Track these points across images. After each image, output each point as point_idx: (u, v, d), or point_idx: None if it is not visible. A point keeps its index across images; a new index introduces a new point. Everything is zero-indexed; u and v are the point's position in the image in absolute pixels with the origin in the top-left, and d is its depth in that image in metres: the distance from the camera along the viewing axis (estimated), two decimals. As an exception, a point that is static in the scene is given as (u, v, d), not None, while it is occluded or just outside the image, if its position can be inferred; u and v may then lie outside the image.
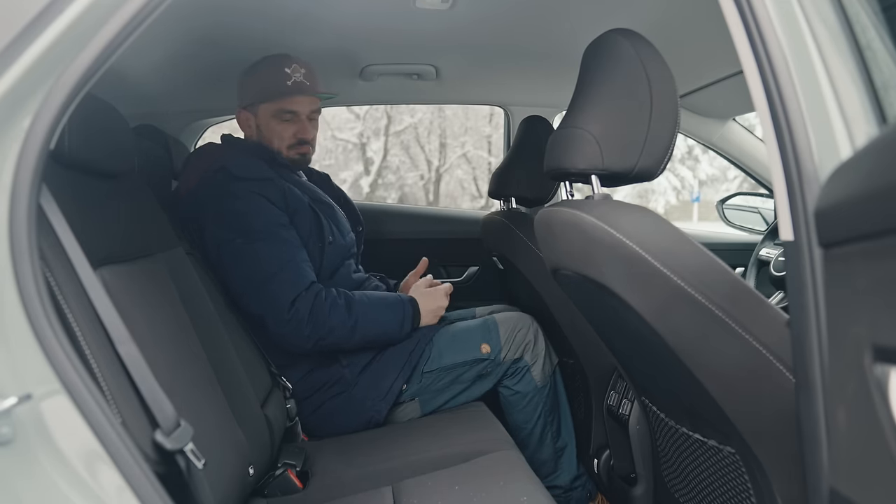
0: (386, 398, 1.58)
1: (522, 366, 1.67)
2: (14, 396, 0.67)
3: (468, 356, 1.64)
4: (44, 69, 0.71)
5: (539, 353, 1.67)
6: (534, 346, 1.67)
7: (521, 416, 1.67)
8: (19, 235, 0.70)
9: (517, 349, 1.66)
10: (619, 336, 1.11)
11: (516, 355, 1.66)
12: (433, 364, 1.63)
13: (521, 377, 1.67)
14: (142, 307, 0.99)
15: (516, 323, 1.69)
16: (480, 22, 1.61)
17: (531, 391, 1.66)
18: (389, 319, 1.59)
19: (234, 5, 1.46)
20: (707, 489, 1.05)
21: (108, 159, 1.03)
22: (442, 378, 1.64)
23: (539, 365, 1.67)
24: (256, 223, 1.51)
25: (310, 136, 1.71)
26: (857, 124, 0.65)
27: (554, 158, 1.06)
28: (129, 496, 0.71)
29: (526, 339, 1.67)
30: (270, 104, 1.66)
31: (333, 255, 1.66)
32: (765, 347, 0.80)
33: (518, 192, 1.92)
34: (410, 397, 1.63)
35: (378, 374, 1.60)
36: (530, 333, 1.68)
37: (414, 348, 1.62)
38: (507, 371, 1.67)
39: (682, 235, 0.87)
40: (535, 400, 1.67)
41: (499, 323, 1.69)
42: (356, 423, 1.58)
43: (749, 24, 0.69)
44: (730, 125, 2.36)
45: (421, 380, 1.62)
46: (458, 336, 1.68)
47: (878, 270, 0.53)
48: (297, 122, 1.68)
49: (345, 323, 1.52)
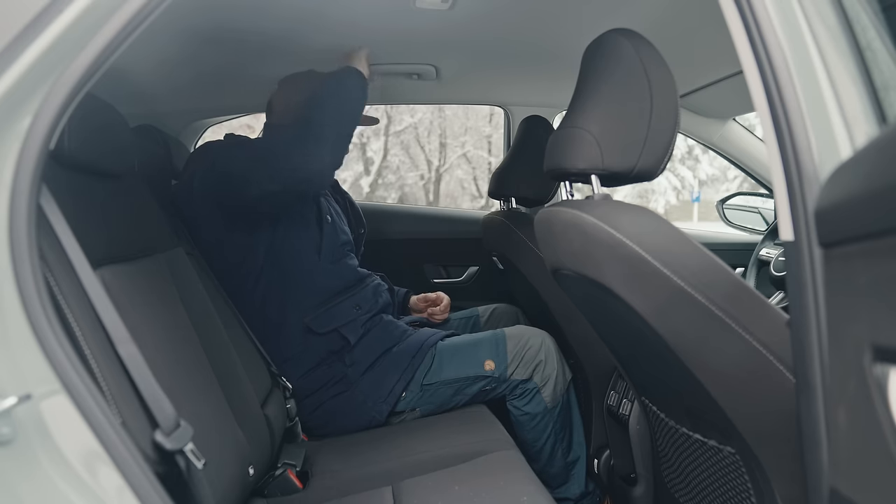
0: (387, 399, 1.58)
1: (532, 387, 1.61)
2: (14, 396, 0.67)
3: (470, 371, 1.61)
4: (44, 69, 0.71)
5: (550, 374, 1.61)
6: (545, 366, 1.61)
7: (531, 435, 1.63)
8: (19, 235, 0.70)
9: (526, 369, 1.61)
10: (619, 336, 1.11)
11: (525, 376, 1.61)
12: (433, 377, 1.61)
13: (531, 399, 1.62)
14: (142, 307, 0.98)
15: (528, 340, 1.64)
16: (480, 22, 1.61)
17: (541, 412, 1.62)
18: (332, 94, 1.51)
19: (234, 5, 1.46)
20: (707, 489, 1.05)
21: (107, 159, 1.03)
22: (442, 391, 1.61)
23: (550, 386, 1.62)
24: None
25: None
26: (857, 124, 0.65)
27: (554, 158, 1.06)
28: (129, 496, 0.71)
29: (537, 358, 1.62)
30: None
31: (332, 234, 1.69)
32: (765, 347, 0.80)
33: (518, 192, 1.92)
34: (411, 407, 1.62)
35: (380, 375, 1.60)
36: (542, 352, 1.62)
37: (416, 352, 1.61)
38: (514, 390, 1.62)
39: (683, 235, 0.87)
40: (544, 420, 1.62)
41: (508, 338, 1.64)
42: (357, 423, 1.58)
43: (749, 24, 0.69)
44: (730, 125, 2.36)
45: (421, 391, 1.61)
46: (462, 349, 1.64)
47: (878, 270, 0.53)
48: None
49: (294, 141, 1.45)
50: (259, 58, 1.86)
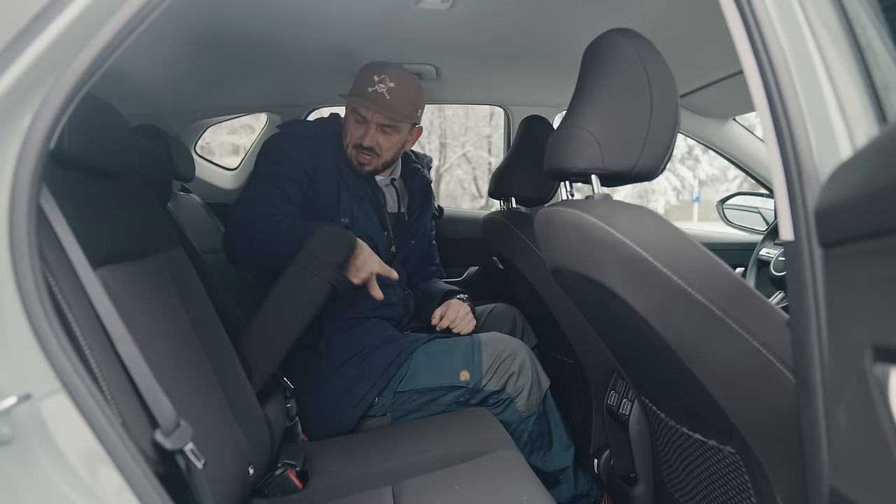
0: (359, 405, 1.57)
1: (505, 398, 1.61)
2: (14, 396, 0.67)
3: (445, 381, 1.59)
4: (44, 69, 0.71)
5: (524, 385, 1.61)
6: (518, 377, 1.61)
7: None
8: (19, 235, 0.70)
9: (500, 380, 1.61)
10: (619, 336, 1.11)
11: (498, 386, 1.60)
12: (408, 384, 1.59)
13: (504, 408, 1.62)
14: (142, 307, 0.98)
15: (503, 349, 1.63)
16: (480, 22, 1.61)
17: (515, 421, 1.61)
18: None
19: (234, 5, 1.46)
20: (707, 489, 1.05)
21: (108, 159, 1.03)
22: (415, 399, 1.60)
23: (524, 396, 1.62)
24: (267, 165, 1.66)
25: (370, 142, 1.71)
26: (858, 124, 0.65)
27: (554, 158, 1.06)
28: (129, 496, 0.71)
29: (510, 369, 1.61)
30: (352, 99, 1.72)
31: None
32: (765, 347, 0.80)
33: (518, 192, 1.92)
34: (382, 412, 1.60)
35: (355, 378, 1.58)
36: (515, 364, 1.61)
37: (393, 360, 1.60)
38: (487, 400, 1.62)
39: (683, 235, 0.87)
40: (519, 429, 1.62)
41: (483, 346, 1.63)
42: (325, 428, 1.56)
43: (749, 24, 0.69)
44: (730, 125, 2.36)
45: (394, 397, 1.59)
46: (437, 358, 1.62)
47: (879, 270, 0.53)
48: (365, 126, 1.71)
49: (278, 241, 1.49)
50: (259, 58, 1.86)
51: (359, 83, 1.72)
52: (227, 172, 2.73)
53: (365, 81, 1.70)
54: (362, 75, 1.72)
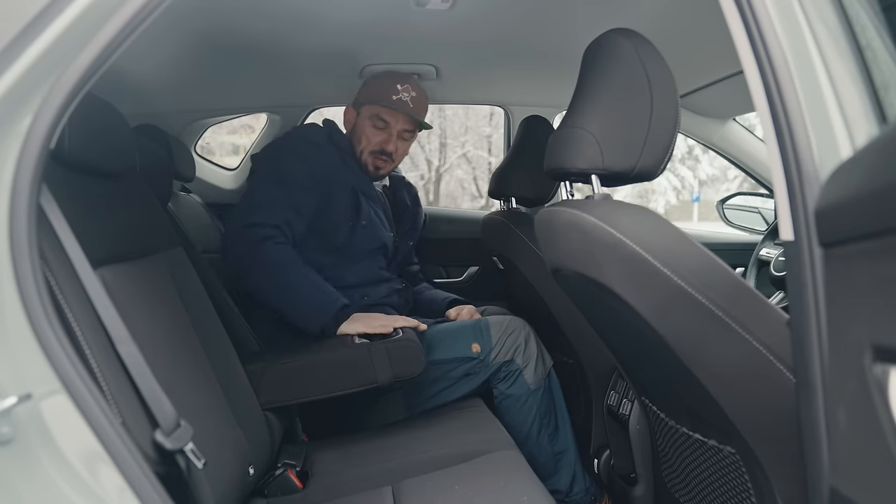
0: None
1: (514, 368, 1.67)
2: (14, 396, 0.67)
3: (457, 353, 1.65)
4: (44, 69, 0.71)
5: (531, 356, 1.67)
6: (525, 348, 1.67)
7: (517, 419, 1.66)
8: (19, 235, 0.70)
9: (508, 351, 1.66)
10: (619, 336, 1.11)
11: (507, 357, 1.66)
12: None
13: (514, 380, 1.67)
14: (142, 307, 0.98)
15: (508, 325, 1.69)
16: (480, 22, 1.61)
17: (524, 394, 1.66)
18: (310, 302, 1.54)
19: (234, 6, 1.46)
20: (707, 489, 1.05)
21: (108, 159, 1.03)
22: (427, 373, 1.61)
23: (531, 367, 1.67)
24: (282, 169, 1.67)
25: (392, 148, 1.80)
26: (858, 124, 0.65)
27: (554, 158, 1.06)
28: (129, 496, 0.71)
29: (517, 342, 1.67)
30: (372, 107, 1.78)
31: (364, 238, 1.74)
32: (765, 347, 0.80)
33: (518, 192, 1.92)
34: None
35: None
36: (521, 336, 1.68)
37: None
38: (498, 373, 1.67)
39: (683, 235, 0.87)
40: (528, 402, 1.66)
41: (490, 324, 1.69)
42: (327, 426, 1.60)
43: (749, 24, 0.69)
44: (730, 125, 2.36)
45: None
46: (449, 333, 1.69)
47: (879, 270, 0.53)
48: (387, 132, 1.79)
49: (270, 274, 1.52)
50: (259, 58, 1.86)
51: (378, 91, 1.78)
52: (227, 172, 2.72)
53: (388, 90, 1.76)
54: (382, 84, 1.78)
